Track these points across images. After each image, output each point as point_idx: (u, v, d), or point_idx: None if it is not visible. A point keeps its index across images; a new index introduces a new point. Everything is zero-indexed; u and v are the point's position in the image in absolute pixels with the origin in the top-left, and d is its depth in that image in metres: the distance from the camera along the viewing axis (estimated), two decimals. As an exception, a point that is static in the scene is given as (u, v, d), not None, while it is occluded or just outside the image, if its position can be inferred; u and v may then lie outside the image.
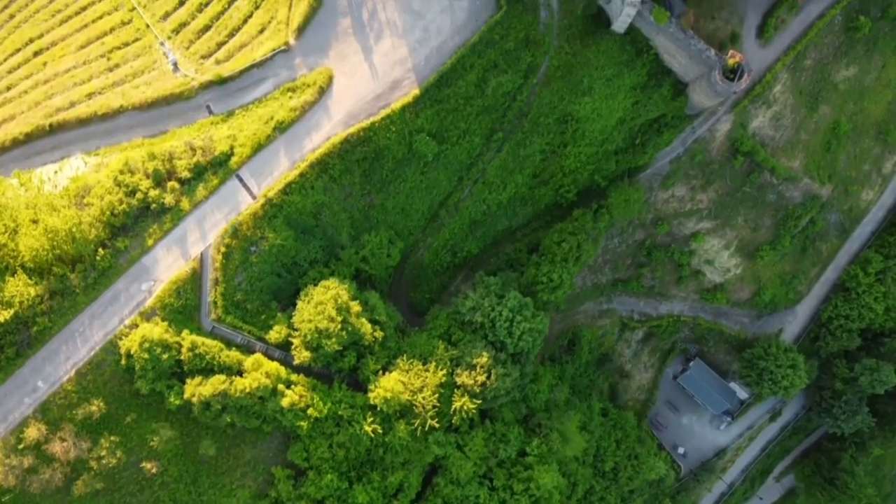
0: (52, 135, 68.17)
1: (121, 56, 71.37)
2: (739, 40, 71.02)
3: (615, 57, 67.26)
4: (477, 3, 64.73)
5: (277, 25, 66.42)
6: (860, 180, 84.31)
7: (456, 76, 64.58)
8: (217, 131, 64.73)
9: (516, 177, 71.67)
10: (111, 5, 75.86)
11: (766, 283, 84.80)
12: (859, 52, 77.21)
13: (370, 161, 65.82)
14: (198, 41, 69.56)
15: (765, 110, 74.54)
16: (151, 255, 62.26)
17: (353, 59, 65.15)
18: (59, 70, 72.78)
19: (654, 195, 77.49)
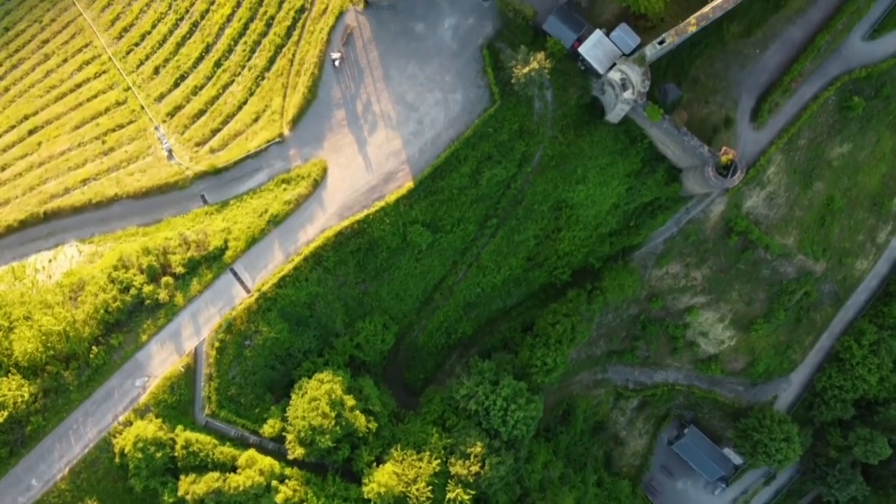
0: (46, 222, 68.45)
1: (115, 139, 71.53)
2: (733, 124, 71.15)
3: (609, 146, 67.44)
4: (471, 95, 64.86)
5: (272, 115, 66.59)
6: (854, 251, 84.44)
7: (450, 169, 64.71)
8: (211, 223, 64.84)
9: (510, 260, 71.78)
10: (106, 83, 76.11)
11: (760, 354, 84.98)
12: (853, 129, 77.41)
13: (364, 251, 65.94)
14: (192, 126, 69.71)
15: (759, 191, 74.71)
16: (145, 351, 62.34)
17: (348, 150, 65.30)
18: (53, 152, 72.96)
19: (649, 272, 77.65)
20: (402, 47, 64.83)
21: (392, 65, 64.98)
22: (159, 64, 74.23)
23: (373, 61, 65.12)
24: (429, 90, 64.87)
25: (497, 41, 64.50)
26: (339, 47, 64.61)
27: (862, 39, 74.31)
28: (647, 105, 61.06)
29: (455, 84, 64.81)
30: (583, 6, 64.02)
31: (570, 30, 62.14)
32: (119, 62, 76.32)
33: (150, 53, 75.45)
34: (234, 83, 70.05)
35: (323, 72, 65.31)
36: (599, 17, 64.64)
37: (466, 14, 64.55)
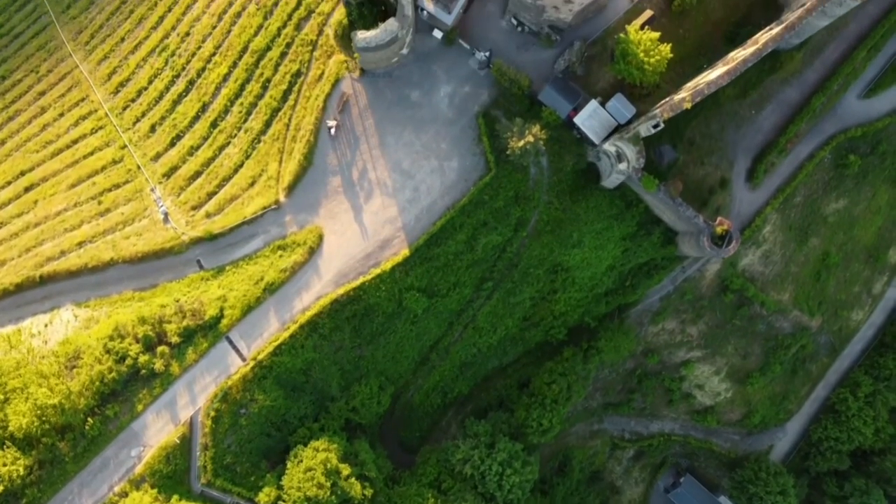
0: (42, 285, 68.42)
1: (112, 200, 71.49)
2: (729, 185, 71.26)
3: (605, 211, 67.50)
4: (466, 163, 64.89)
5: (268, 181, 66.58)
6: (850, 302, 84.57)
7: (446, 236, 64.73)
8: (207, 290, 64.86)
9: (506, 321, 71.86)
10: (103, 140, 76.10)
11: (756, 405, 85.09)
12: (849, 185, 77.50)
13: (360, 317, 65.95)
14: (188, 188, 69.70)
15: (754, 250, 74.81)
16: (141, 421, 62.36)
17: (344, 217, 65.32)
18: (49, 212, 72.94)
19: (645, 329, 77.73)
20: (398, 115, 64.85)
21: (388, 132, 65.00)
22: (156, 122, 74.17)
23: (369, 128, 65.13)
24: (425, 157, 64.89)
25: (493, 109, 64.55)
26: (335, 115, 64.61)
27: (858, 98, 74.44)
28: (643, 176, 61.08)
29: (451, 152, 64.83)
30: (578, 74, 64.02)
31: (565, 100, 62.19)
32: (115, 118, 76.29)
33: (147, 110, 75.37)
34: (230, 145, 70.01)
35: (319, 139, 65.30)
36: (595, 85, 64.67)
37: (462, 82, 64.57)
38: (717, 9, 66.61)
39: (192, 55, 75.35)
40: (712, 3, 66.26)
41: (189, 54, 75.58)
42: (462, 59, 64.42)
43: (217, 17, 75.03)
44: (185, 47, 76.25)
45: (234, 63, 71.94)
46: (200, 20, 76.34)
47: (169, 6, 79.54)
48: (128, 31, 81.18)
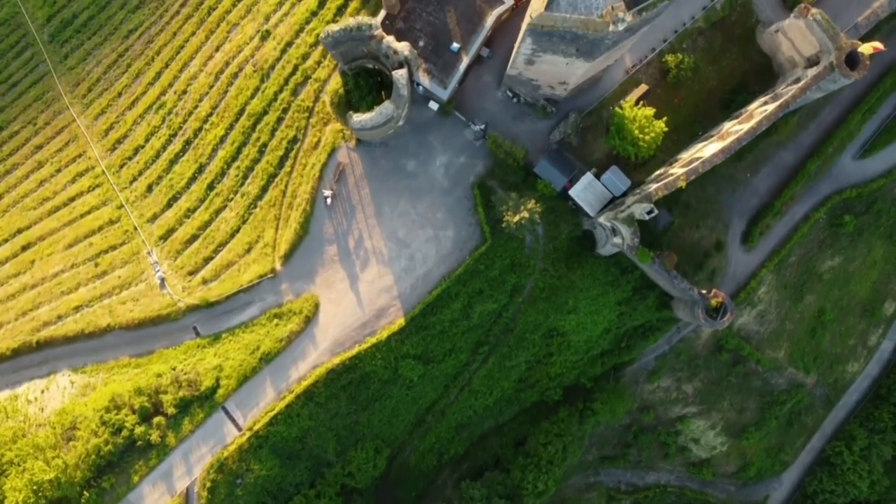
0: (39, 350, 68.57)
1: (108, 262, 71.67)
2: (724, 248, 71.49)
3: (600, 278, 67.69)
4: (462, 233, 65.07)
5: (264, 248, 66.73)
6: (845, 355, 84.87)
7: (441, 305, 64.91)
8: (204, 358, 65.02)
9: (502, 383, 72.08)
10: (100, 199, 76.24)
11: (752, 458, 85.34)
12: (844, 243, 77.76)
13: (356, 384, 66.12)
14: (185, 252, 69.83)
15: (750, 310, 75.00)
16: (137, 492, 62.51)
17: (340, 286, 65.46)
18: (46, 273, 73.13)
19: (640, 387, 77.95)
20: (393, 184, 65.04)
21: (384, 201, 65.17)
22: (153, 181, 74.32)
23: (365, 198, 65.30)
24: (420, 227, 65.07)
25: (488, 179, 64.72)
26: (332, 185, 64.79)
27: (853, 159, 74.70)
28: (638, 249, 61.23)
29: (446, 221, 65.01)
30: (574, 145, 64.23)
31: (560, 173, 62.41)
32: (112, 176, 76.45)
33: (144, 169, 75.53)
34: (226, 208, 70.15)
35: (315, 208, 65.47)
36: (591, 155, 64.88)
37: (458, 153, 64.75)
38: (711, 77, 66.81)
39: (189, 114, 75.48)
40: (707, 72, 66.46)
41: (186, 113, 75.70)
42: (458, 130, 64.59)
43: (214, 77, 75.14)
44: (182, 105, 76.37)
45: (231, 125, 72.06)
46: (197, 78, 76.45)
47: (166, 62, 79.60)
48: (125, 85, 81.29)
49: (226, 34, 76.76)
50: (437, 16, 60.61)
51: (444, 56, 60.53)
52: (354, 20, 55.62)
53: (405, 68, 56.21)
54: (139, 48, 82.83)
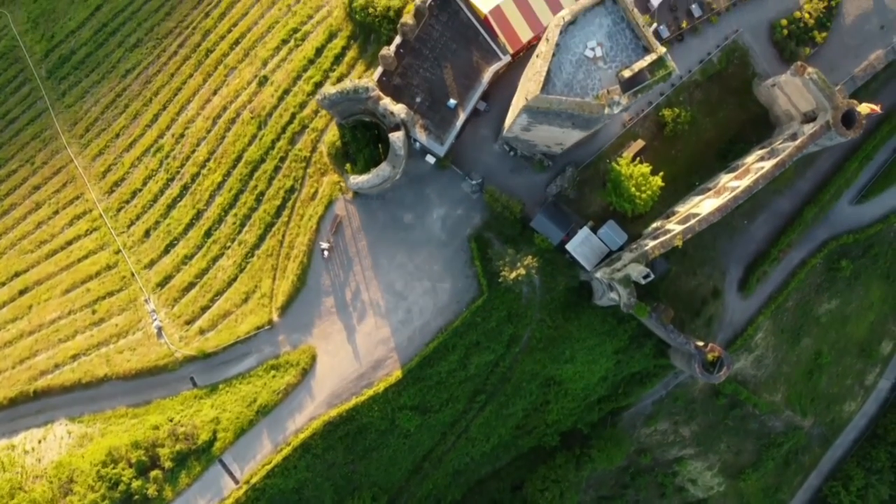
0: (36, 400, 68.61)
1: (106, 309, 71.72)
2: (721, 295, 71.58)
3: (597, 328, 67.78)
4: (459, 285, 65.14)
5: (261, 298, 66.77)
6: (842, 395, 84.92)
7: (438, 357, 64.97)
8: (201, 410, 65.09)
9: (499, 430, 72.10)
10: (97, 243, 76.29)
11: (749, 497, 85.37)
12: (841, 286, 77.83)
13: (353, 435, 66.16)
14: (182, 300, 69.88)
15: (746, 356, 75.12)
16: (134, 546, 62.66)
17: (337, 338, 65.51)
18: (44, 320, 73.21)
19: (637, 431, 77.98)
20: (391, 236, 65.10)
21: (381, 253, 65.22)
22: (150, 226, 74.36)
23: (362, 250, 65.35)
24: (417, 279, 65.13)
25: (485, 231, 64.78)
26: (329, 237, 64.85)
27: (850, 204, 74.76)
28: (635, 304, 61.25)
29: (443, 273, 65.07)
30: (571, 198, 64.28)
31: (557, 227, 62.49)
32: (110, 220, 76.48)
33: (141, 213, 75.56)
34: (223, 256, 70.21)
35: (312, 260, 65.54)
36: (588, 208, 64.95)
37: (455, 205, 64.80)
38: (708, 128, 66.91)
39: (187, 158, 75.53)
40: (704, 123, 66.55)
41: (184, 157, 75.75)
42: (455, 183, 64.64)
43: (212, 121, 75.18)
44: (179, 149, 76.42)
45: (229, 172, 72.12)
46: (195, 122, 76.49)
47: (164, 104, 79.67)
48: (123, 126, 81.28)
49: (223, 78, 76.83)
50: (434, 72, 60.68)
51: (440, 112, 60.60)
52: (351, 83, 55.69)
53: (402, 131, 56.22)
54: (137, 88, 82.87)
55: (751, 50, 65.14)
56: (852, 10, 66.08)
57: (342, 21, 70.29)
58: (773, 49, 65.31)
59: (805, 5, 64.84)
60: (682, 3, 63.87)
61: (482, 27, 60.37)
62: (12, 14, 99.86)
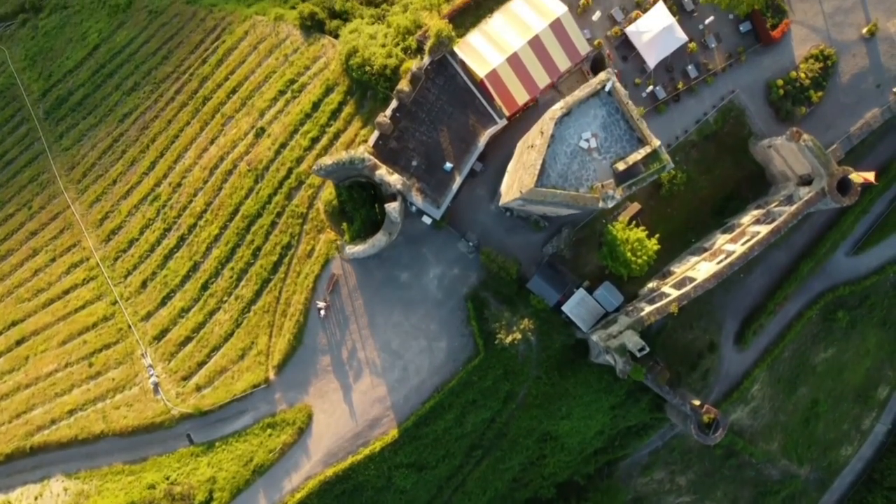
0: (32, 455, 68.63)
1: (102, 362, 71.77)
2: (717, 348, 71.64)
3: (594, 385, 67.83)
4: (455, 344, 65.19)
5: (258, 356, 66.81)
6: (839, 440, 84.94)
7: (435, 416, 65.01)
8: (197, 468, 65.15)
9: (495, 483, 72.08)
10: (94, 293, 76.30)
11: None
12: (837, 335, 77.91)
13: (349, 493, 66.20)
14: (178, 355, 69.92)
15: (743, 407, 75.18)
16: None
17: (333, 396, 65.55)
18: (41, 372, 73.25)
19: (634, 480, 77.99)
20: (387, 295, 65.12)
21: (377, 312, 65.25)
22: (147, 277, 74.40)
23: (358, 309, 65.38)
24: (414, 338, 65.16)
25: (482, 290, 64.82)
26: (325, 296, 64.87)
27: (846, 255, 74.80)
28: (631, 367, 61.33)
29: (440, 332, 65.11)
30: (567, 258, 64.35)
31: (553, 289, 62.56)
32: (107, 270, 76.52)
33: (138, 263, 75.60)
34: (220, 310, 70.22)
35: (308, 319, 65.57)
36: (584, 267, 65.04)
37: (451, 264, 64.85)
38: (705, 186, 67.00)
39: (184, 209, 75.59)
40: (700, 181, 66.65)
41: (181, 207, 75.80)
42: (451, 242, 64.70)
43: (208, 172, 75.26)
44: (176, 199, 76.48)
45: (225, 224, 72.17)
46: (192, 171, 76.56)
47: (161, 151, 79.75)
48: (120, 173, 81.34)
49: (221, 127, 76.92)
50: (431, 135, 60.73)
51: (437, 175, 60.65)
52: (347, 154, 55.76)
53: (398, 201, 56.28)
54: (134, 134, 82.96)
55: (747, 110, 65.22)
56: (848, 69, 66.13)
57: (339, 75, 70.37)
58: (768, 109, 65.37)
59: (801, 65, 64.86)
60: (679, 64, 63.90)
61: (478, 90, 60.39)
62: (10, 51, 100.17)
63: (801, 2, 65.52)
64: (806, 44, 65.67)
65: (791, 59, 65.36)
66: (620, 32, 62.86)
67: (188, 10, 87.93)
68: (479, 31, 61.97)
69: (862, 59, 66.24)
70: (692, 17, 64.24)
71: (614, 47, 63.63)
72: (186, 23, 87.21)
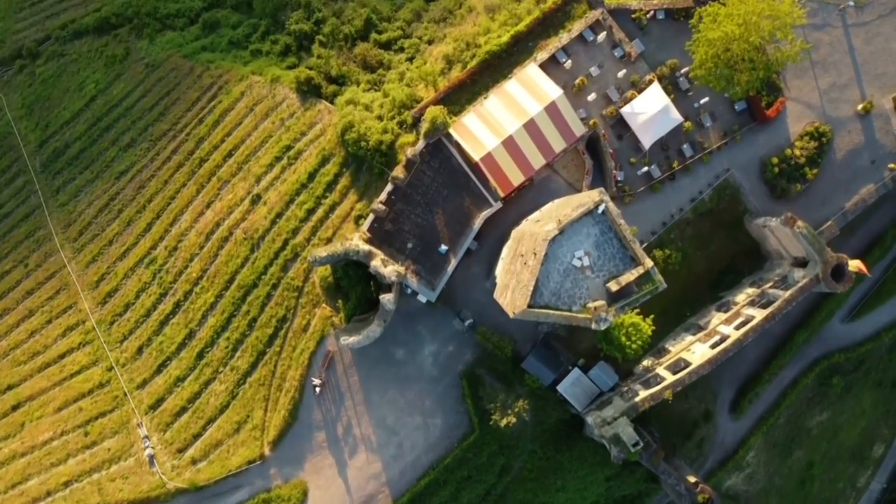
0: (28, 531, 68.66)
1: (98, 431, 71.77)
2: (713, 417, 71.74)
3: (589, 459, 67.83)
4: (450, 420, 65.31)
5: (253, 430, 66.84)
6: (834, 499, 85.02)
7: (430, 492, 65.09)
8: (192, 545, 65.22)
9: (493, 551, 72.18)
10: (90, 357, 76.31)
11: None
12: (832, 399, 78.02)
13: (345, 568, 66.26)
14: (174, 425, 69.92)
15: (738, 474, 75.26)
16: None
17: (328, 472, 65.61)
18: (36, 440, 73.23)
19: (630, 543, 78.12)
20: (382, 372, 65.22)
21: (373, 389, 65.35)
22: (143, 343, 74.39)
23: (353, 385, 65.47)
24: (409, 414, 65.27)
25: (477, 367, 64.94)
26: (321, 373, 64.99)
27: (841, 322, 74.94)
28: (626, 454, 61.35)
29: (435, 409, 65.22)
30: (561, 336, 64.41)
31: (548, 369, 62.65)
32: (103, 333, 76.51)
33: (134, 328, 75.59)
34: (215, 380, 70.23)
35: (304, 395, 65.64)
36: (579, 344, 65.09)
37: (446, 342, 64.94)
38: (700, 261, 67.07)
39: (180, 273, 75.64)
40: (695, 256, 66.72)
41: (176, 272, 75.85)
42: (446, 320, 64.79)
43: (205, 237, 75.33)
44: (172, 263, 76.51)
45: (221, 293, 72.24)
46: (188, 236, 76.61)
47: (157, 212, 79.80)
48: (116, 233, 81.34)
49: (217, 191, 77.00)
50: (426, 217, 60.85)
51: (432, 258, 60.75)
52: (342, 247, 55.86)
53: (392, 292, 56.36)
54: (130, 193, 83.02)
55: (742, 187, 65.32)
56: (843, 146, 66.25)
57: (335, 145, 70.50)
58: (764, 186, 65.48)
59: (796, 142, 64.96)
60: (674, 143, 64.00)
61: (473, 173, 60.50)
62: (7, 97, 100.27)
63: (797, 78, 65.59)
64: (801, 120, 65.76)
65: (786, 136, 65.46)
66: (616, 112, 62.89)
67: (185, 65, 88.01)
68: (475, 111, 62.05)
69: (857, 135, 66.36)
70: (687, 95, 64.31)
71: (610, 126, 63.69)
72: (183, 78, 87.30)
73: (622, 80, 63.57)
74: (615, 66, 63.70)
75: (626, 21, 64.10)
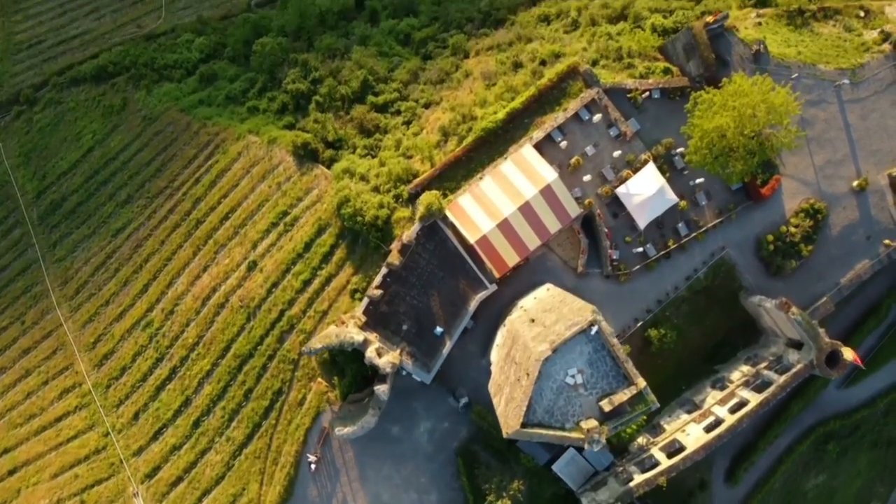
0: None
1: (94, 500, 71.95)
2: (708, 486, 71.78)
3: (584, 531, 67.79)
4: (445, 497, 65.30)
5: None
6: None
7: (425, 571, 65.14)
8: None
9: None
10: (86, 422, 76.39)
11: None
12: (828, 462, 78.07)
13: None
14: (170, 495, 69.99)
15: (734, 540, 75.37)
16: None
17: (324, 549, 65.70)
18: (32, 508, 73.27)
19: None
20: (378, 449, 65.23)
21: (368, 465, 65.38)
22: (139, 408, 74.48)
23: (349, 461, 65.50)
24: (404, 491, 65.28)
25: (472, 444, 64.93)
26: (316, 450, 65.03)
27: (837, 388, 75.00)
28: (621, 525, 61.52)
29: (430, 486, 65.23)
30: (557, 413, 64.34)
31: (543, 449, 62.62)
32: (99, 397, 76.61)
33: (131, 392, 75.68)
34: (211, 450, 70.30)
35: (299, 471, 65.66)
36: (574, 421, 65.01)
37: (442, 419, 64.99)
38: (695, 337, 67.11)
39: (176, 338, 75.71)
40: (690, 332, 66.76)
41: (173, 336, 75.93)
42: (442, 397, 64.84)
43: (201, 302, 75.36)
44: (169, 327, 76.57)
45: (217, 361, 72.28)
46: (184, 299, 76.67)
47: (154, 273, 79.87)
48: (112, 293, 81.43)
49: (213, 255, 77.06)
50: (421, 299, 60.88)
51: (427, 340, 60.80)
52: (337, 338, 55.87)
53: (387, 383, 56.42)
54: (127, 251, 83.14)
55: (737, 265, 65.37)
56: (838, 222, 66.33)
57: (331, 214, 70.49)
58: (759, 263, 65.55)
59: (791, 219, 65.04)
60: (669, 222, 64.03)
61: (468, 255, 60.51)
62: (4, 143, 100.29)
63: (792, 155, 65.60)
64: (796, 197, 65.84)
65: (781, 213, 65.53)
66: (611, 192, 62.93)
67: (182, 120, 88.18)
68: (470, 191, 62.13)
69: (852, 211, 66.43)
70: (683, 174, 64.36)
71: (605, 205, 63.72)
72: (180, 133, 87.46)
73: (618, 159, 63.62)
74: (611, 145, 63.77)
75: (622, 100, 64.15)
